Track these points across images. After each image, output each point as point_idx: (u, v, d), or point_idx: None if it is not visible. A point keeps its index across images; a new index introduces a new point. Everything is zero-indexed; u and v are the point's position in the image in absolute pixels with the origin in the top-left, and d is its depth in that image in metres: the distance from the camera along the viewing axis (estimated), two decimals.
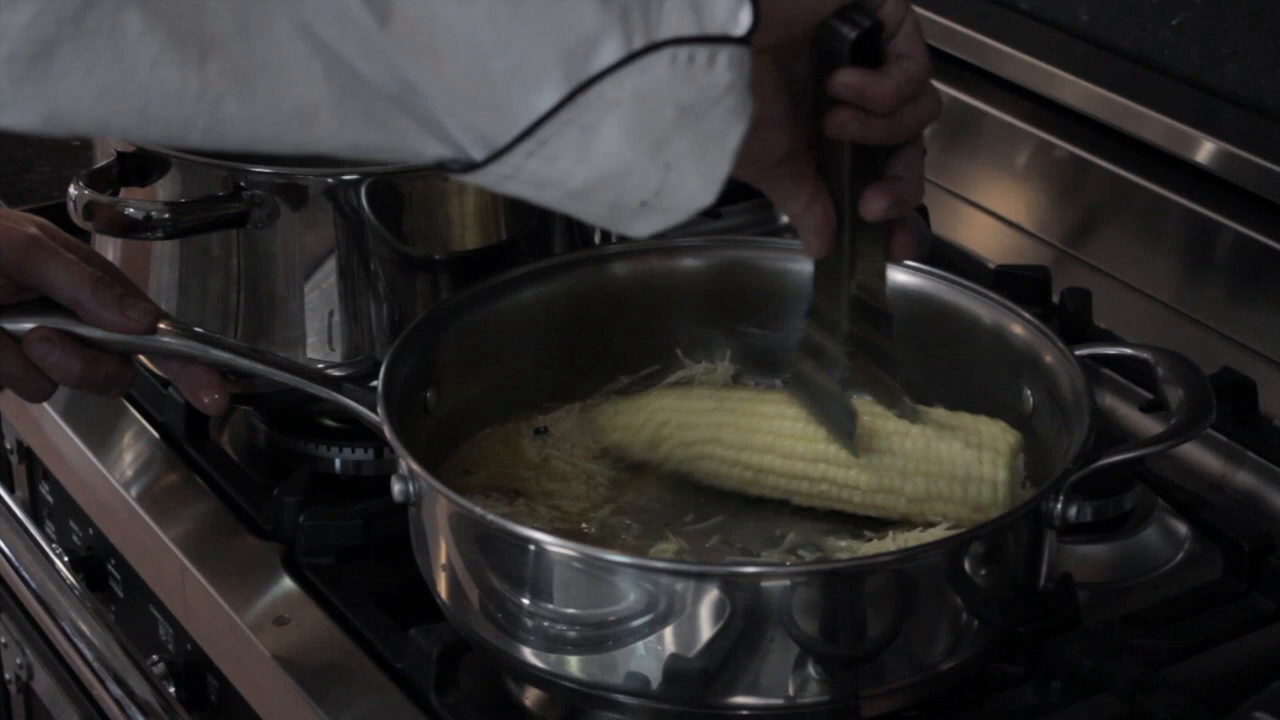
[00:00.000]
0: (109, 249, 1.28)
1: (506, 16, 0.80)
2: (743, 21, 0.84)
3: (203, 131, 0.83)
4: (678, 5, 0.83)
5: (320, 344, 1.23)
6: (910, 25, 0.95)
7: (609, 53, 0.81)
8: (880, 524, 1.09)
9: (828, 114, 0.94)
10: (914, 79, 0.95)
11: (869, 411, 1.09)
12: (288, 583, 1.17)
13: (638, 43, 0.82)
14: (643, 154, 0.84)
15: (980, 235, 1.57)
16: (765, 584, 0.96)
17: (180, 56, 0.80)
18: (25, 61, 0.79)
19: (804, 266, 1.21)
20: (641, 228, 0.87)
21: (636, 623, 0.96)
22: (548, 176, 0.84)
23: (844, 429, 1.07)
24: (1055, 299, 1.40)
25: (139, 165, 1.23)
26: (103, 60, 0.80)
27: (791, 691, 0.97)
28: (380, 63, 0.81)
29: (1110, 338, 1.38)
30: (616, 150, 0.84)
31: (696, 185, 0.86)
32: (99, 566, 1.40)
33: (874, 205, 0.98)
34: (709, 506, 1.12)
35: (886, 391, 1.09)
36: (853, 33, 0.91)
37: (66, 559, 1.41)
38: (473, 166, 0.84)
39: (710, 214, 1.51)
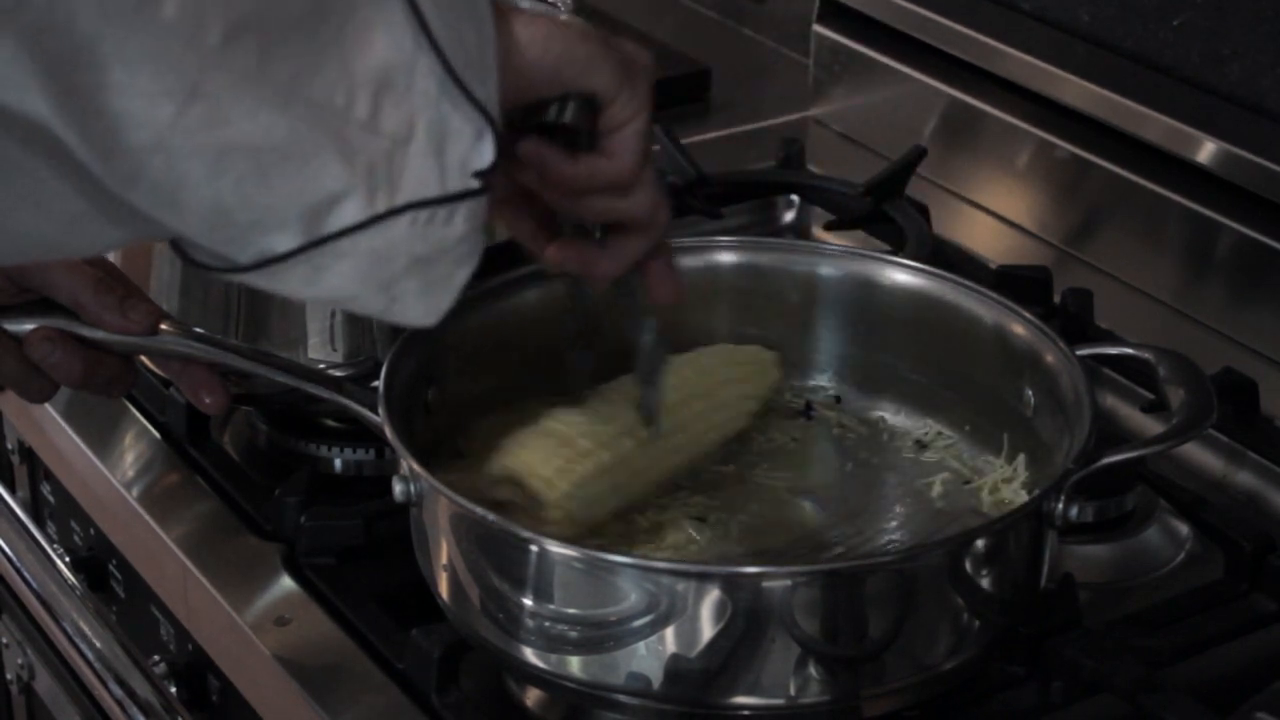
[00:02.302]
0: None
1: (254, 185, 0.82)
2: (484, 157, 0.85)
3: None
4: (421, 156, 0.84)
5: (321, 344, 1.23)
6: (631, 132, 0.93)
7: (350, 213, 0.83)
8: None
9: (515, 166, 0.94)
10: (601, 176, 0.94)
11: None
12: (289, 583, 1.17)
13: (380, 206, 0.83)
14: (369, 290, 0.87)
15: (981, 235, 1.57)
16: (766, 584, 0.96)
17: None
18: None
19: (804, 267, 1.22)
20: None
21: (638, 623, 0.96)
22: (276, 289, 0.87)
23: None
24: (1056, 299, 1.40)
25: None
26: None
27: (793, 691, 0.97)
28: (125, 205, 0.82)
29: (1111, 338, 1.38)
30: (343, 286, 0.86)
31: (419, 313, 0.89)
32: (100, 567, 1.40)
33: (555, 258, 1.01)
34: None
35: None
36: (555, 116, 0.91)
37: (68, 559, 1.41)
38: (210, 268, 0.86)
39: (710, 214, 1.51)
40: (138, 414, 1.35)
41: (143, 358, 1.14)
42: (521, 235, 1.01)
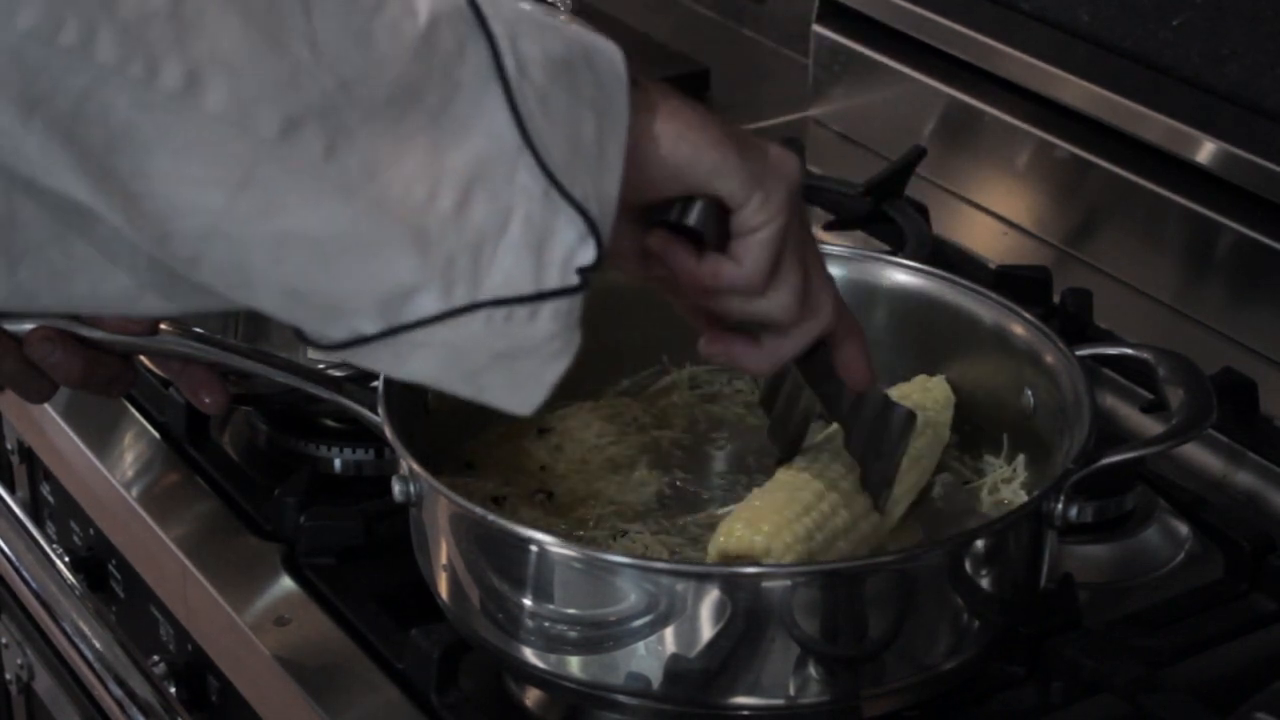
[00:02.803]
0: None
1: (319, 273, 0.80)
2: (587, 256, 0.83)
3: (22, 310, 0.90)
4: (514, 251, 0.81)
5: None
6: (759, 240, 0.90)
7: (425, 305, 0.82)
8: None
9: (652, 258, 0.93)
10: (726, 278, 0.92)
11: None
12: (288, 583, 1.17)
13: (458, 299, 0.82)
14: (454, 379, 0.86)
15: (981, 235, 1.57)
16: (766, 584, 0.96)
17: None
18: None
19: None
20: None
21: (637, 623, 0.96)
22: (371, 367, 0.86)
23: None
24: (1056, 299, 1.40)
25: None
26: None
27: (792, 692, 0.97)
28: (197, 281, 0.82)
29: (1111, 338, 1.38)
30: (427, 372, 0.85)
31: (511, 404, 0.87)
32: (100, 567, 1.40)
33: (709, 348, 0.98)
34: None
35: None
36: (676, 217, 0.90)
37: (67, 559, 1.41)
38: (311, 342, 0.85)
39: None
40: (137, 414, 1.35)
41: (142, 358, 1.14)
42: (685, 313, 0.99)
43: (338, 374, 1.18)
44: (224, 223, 0.78)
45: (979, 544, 0.99)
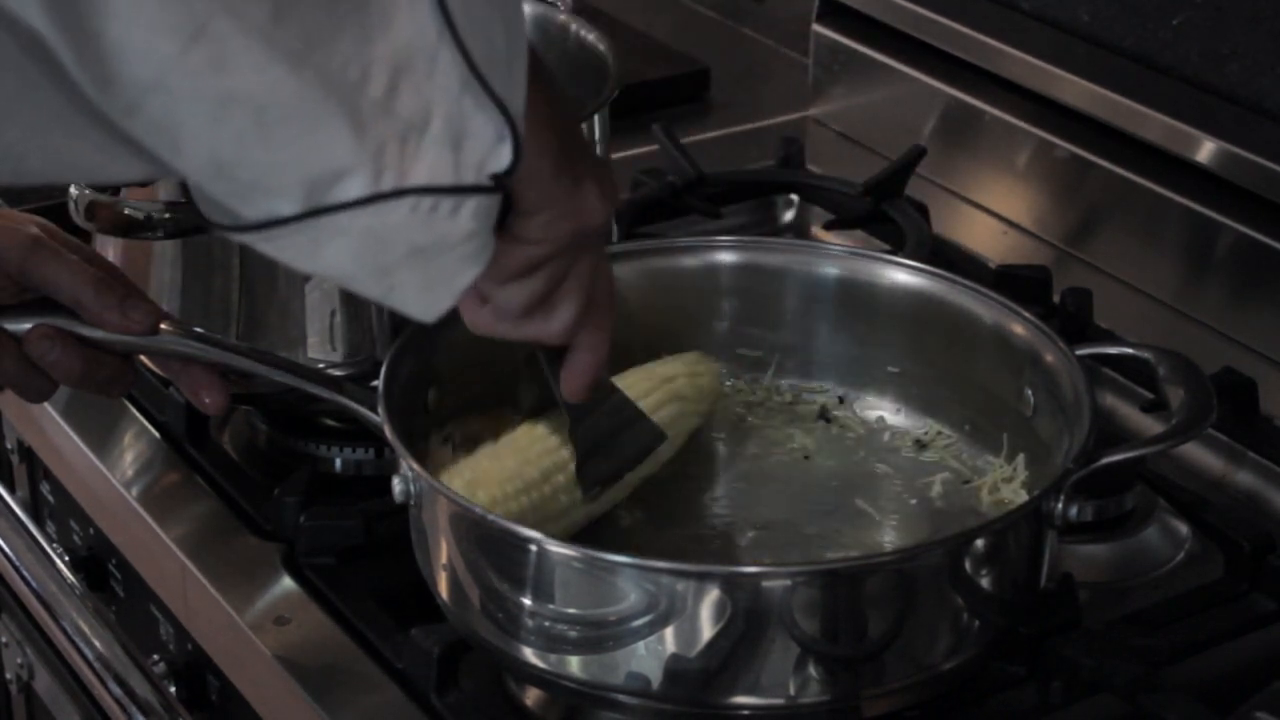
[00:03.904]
0: (110, 249, 1.28)
1: (255, 142, 0.79)
2: (502, 160, 0.83)
3: (12, 177, 0.87)
4: (436, 145, 0.81)
5: (321, 344, 1.23)
6: (523, 252, 0.92)
7: (353, 189, 0.81)
8: None
9: None
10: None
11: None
12: (288, 583, 1.17)
13: (386, 185, 0.81)
14: (367, 274, 0.85)
15: (980, 235, 1.57)
16: (766, 584, 0.96)
17: None
18: None
19: (804, 267, 1.22)
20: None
21: (637, 623, 0.96)
22: (278, 256, 0.85)
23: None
24: (1056, 299, 1.40)
25: None
26: None
27: (792, 691, 0.97)
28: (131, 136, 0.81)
29: (1111, 337, 1.38)
30: (341, 264, 0.84)
31: (417, 309, 0.87)
32: (100, 566, 1.40)
33: None
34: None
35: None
36: None
37: (67, 559, 1.41)
38: (219, 226, 0.84)
39: (710, 214, 1.52)
40: (137, 414, 1.35)
41: (142, 357, 1.14)
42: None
43: (338, 374, 1.18)
44: (171, 74, 0.77)
45: (979, 544, 0.99)
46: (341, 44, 0.79)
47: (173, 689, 1.28)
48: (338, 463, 1.28)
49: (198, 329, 1.10)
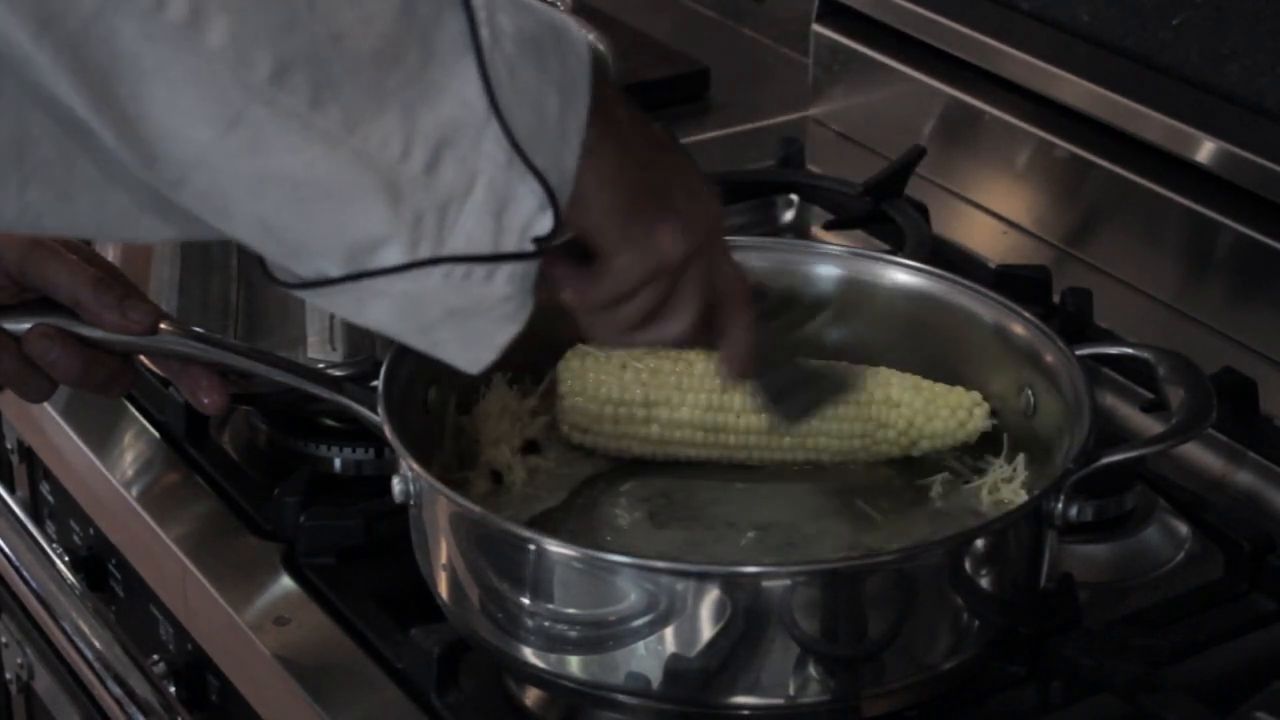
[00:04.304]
0: (109, 249, 1.28)
1: (293, 214, 0.83)
2: (544, 225, 0.85)
3: (29, 232, 0.93)
4: (477, 213, 0.84)
5: (321, 344, 1.23)
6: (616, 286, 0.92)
7: (390, 256, 0.84)
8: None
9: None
10: (586, 299, 0.94)
11: None
12: (288, 583, 1.17)
13: (422, 253, 0.84)
14: (409, 332, 0.89)
15: (980, 235, 1.57)
16: (766, 584, 0.96)
17: None
18: None
19: (803, 267, 1.22)
20: None
21: (637, 623, 0.96)
22: (333, 310, 0.89)
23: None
24: (1056, 299, 1.40)
25: None
26: None
27: (792, 691, 0.97)
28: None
29: (1111, 337, 1.38)
30: (384, 321, 0.88)
31: (461, 363, 0.90)
32: (99, 566, 1.40)
33: None
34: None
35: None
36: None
37: (67, 559, 1.41)
38: (278, 281, 0.88)
39: None
40: (137, 414, 1.35)
41: (142, 358, 1.14)
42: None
43: (338, 374, 1.18)
44: (210, 155, 0.80)
45: (979, 544, 0.99)
46: (384, 122, 0.82)
47: (173, 689, 1.28)
48: (338, 463, 1.28)
49: (197, 329, 1.10)
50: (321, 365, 1.23)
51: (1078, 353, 1.10)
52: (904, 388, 1.14)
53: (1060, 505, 1.01)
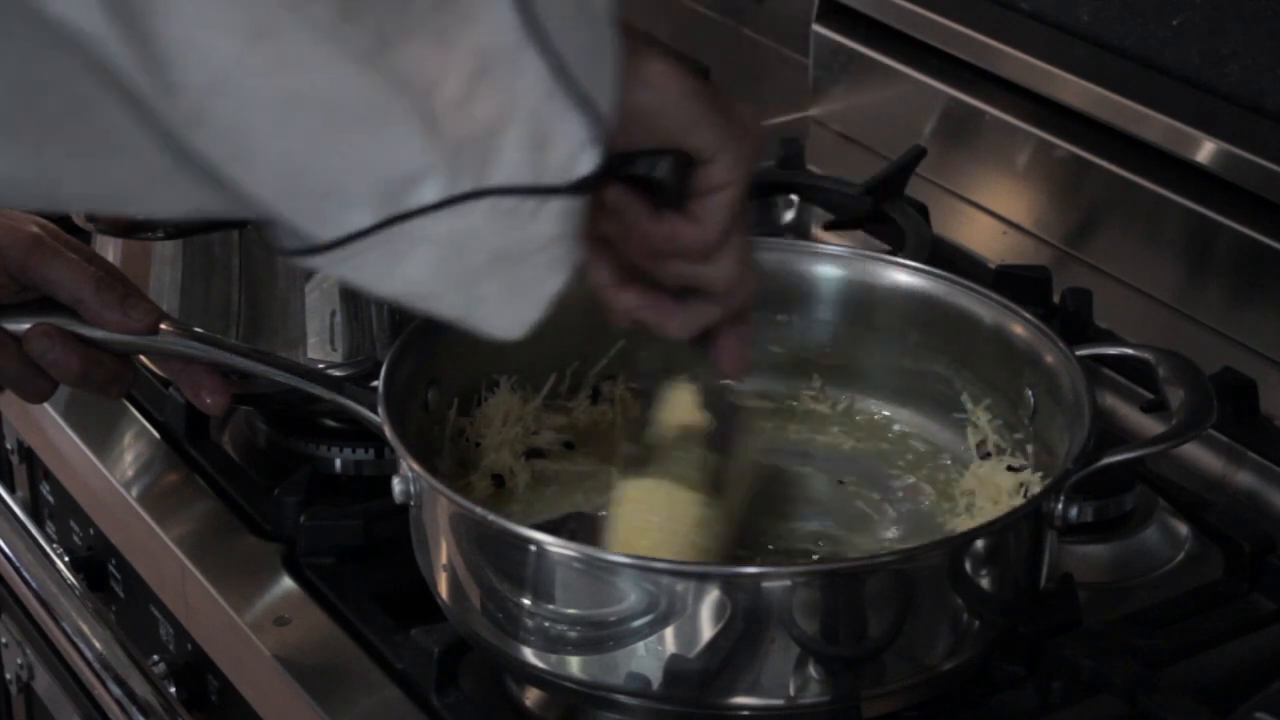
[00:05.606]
0: (110, 249, 1.28)
1: (325, 144, 0.78)
2: (583, 166, 0.81)
3: (44, 202, 0.86)
4: (517, 148, 0.80)
5: (321, 344, 1.23)
6: (720, 200, 0.90)
7: (429, 192, 0.79)
8: None
9: (597, 212, 0.89)
10: (682, 239, 0.91)
11: None
12: (288, 583, 1.17)
13: (463, 186, 0.79)
14: (449, 286, 0.83)
15: (980, 235, 1.57)
16: (766, 584, 0.96)
17: (14, 150, 0.81)
18: None
19: (803, 267, 1.22)
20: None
21: (637, 623, 0.96)
22: (356, 281, 0.83)
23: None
24: (1056, 299, 1.40)
25: None
26: None
27: (792, 692, 0.97)
28: (195, 154, 0.79)
29: (1111, 338, 1.38)
30: (421, 278, 0.82)
31: (504, 323, 0.85)
32: (100, 566, 1.40)
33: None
34: None
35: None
36: (646, 170, 0.88)
37: (67, 559, 1.41)
38: (293, 251, 0.83)
39: None
40: (137, 414, 1.35)
41: (142, 357, 1.14)
42: (596, 281, 0.96)
43: (338, 374, 1.18)
44: (234, 74, 0.75)
45: (979, 544, 0.99)
46: (416, 44, 0.77)
47: (173, 689, 1.28)
48: (338, 463, 1.29)
49: (198, 329, 1.10)
50: (322, 365, 1.23)
51: (1078, 353, 1.10)
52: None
53: (1060, 506, 1.01)
